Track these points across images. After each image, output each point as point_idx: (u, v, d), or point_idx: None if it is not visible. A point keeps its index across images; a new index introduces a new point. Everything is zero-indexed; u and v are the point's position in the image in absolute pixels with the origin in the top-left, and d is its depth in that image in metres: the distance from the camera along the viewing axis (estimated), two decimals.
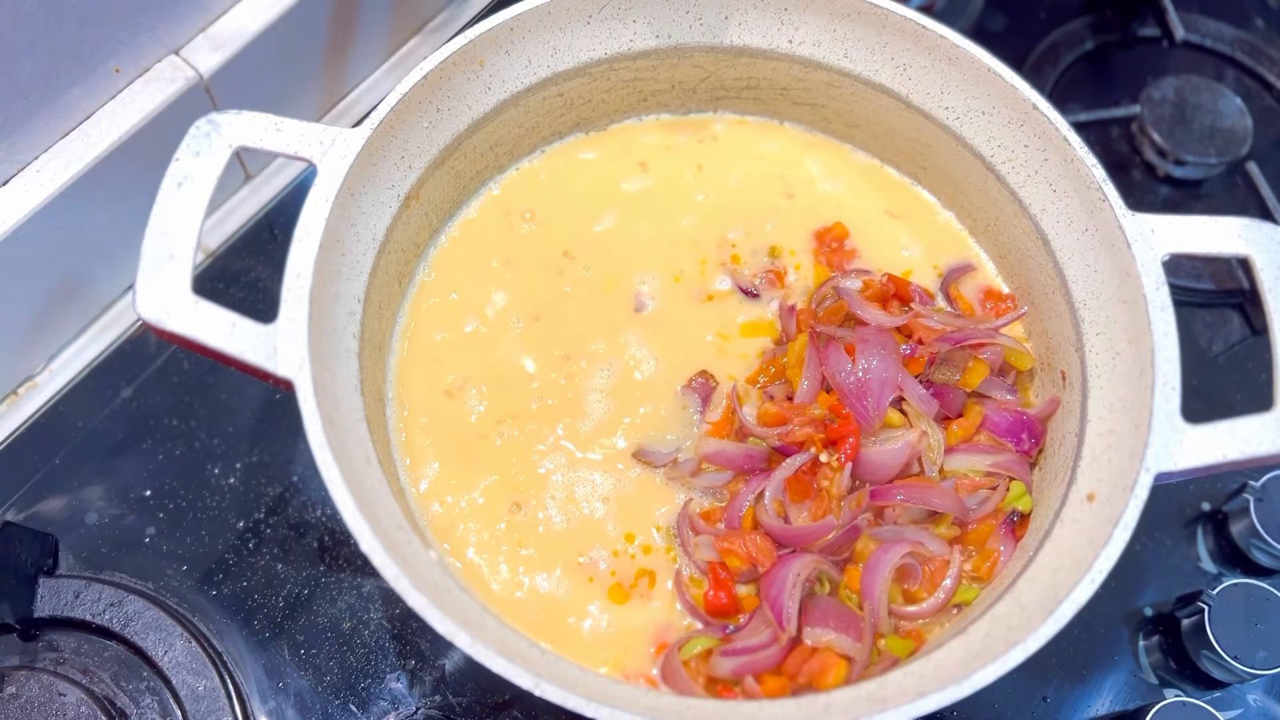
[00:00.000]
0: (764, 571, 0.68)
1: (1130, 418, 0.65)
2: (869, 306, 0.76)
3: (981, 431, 0.73)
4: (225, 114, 0.67)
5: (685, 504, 0.72)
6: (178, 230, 0.64)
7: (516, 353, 0.78)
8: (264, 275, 0.92)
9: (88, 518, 0.81)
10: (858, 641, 0.66)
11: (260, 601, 0.79)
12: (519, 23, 0.75)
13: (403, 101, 0.71)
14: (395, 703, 0.77)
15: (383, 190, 0.72)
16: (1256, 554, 0.83)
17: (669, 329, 0.79)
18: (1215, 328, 0.98)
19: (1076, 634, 0.58)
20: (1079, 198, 0.72)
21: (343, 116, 1.02)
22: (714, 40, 0.82)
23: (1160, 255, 0.67)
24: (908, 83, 0.79)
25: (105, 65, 0.81)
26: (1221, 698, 0.81)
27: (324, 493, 0.59)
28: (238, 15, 0.87)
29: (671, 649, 0.67)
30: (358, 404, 0.67)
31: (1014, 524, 0.71)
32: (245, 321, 0.63)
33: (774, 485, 0.70)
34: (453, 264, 0.81)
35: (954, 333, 0.73)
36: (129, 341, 0.89)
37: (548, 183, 0.85)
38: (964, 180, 0.81)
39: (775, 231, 0.83)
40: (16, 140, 0.78)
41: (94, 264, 0.87)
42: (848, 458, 0.70)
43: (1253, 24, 1.17)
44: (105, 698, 0.74)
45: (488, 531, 0.72)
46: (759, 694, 0.65)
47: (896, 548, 0.68)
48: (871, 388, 0.71)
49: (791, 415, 0.72)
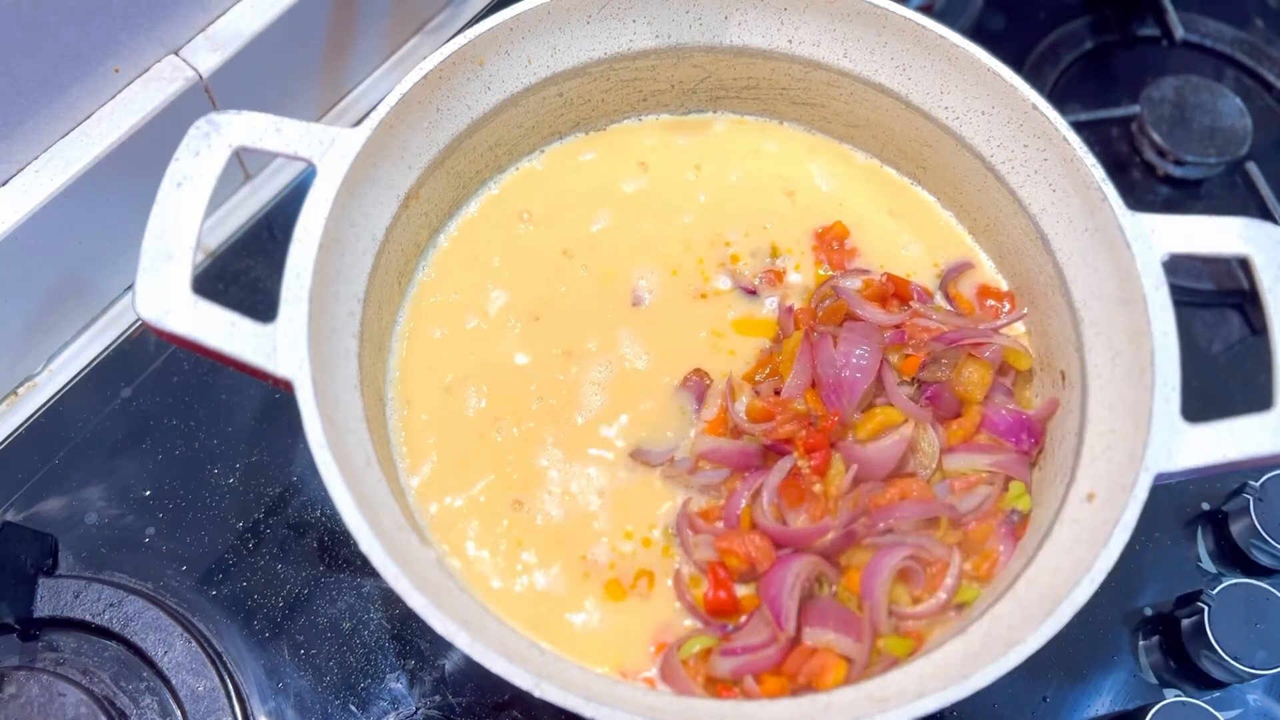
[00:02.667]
0: (763, 572, 0.68)
1: (1130, 418, 0.65)
2: (868, 305, 0.76)
3: (981, 431, 0.73)
4: (225, 114, 0.67)
5: (684, 503, 0.72)
6: (177, 230, 0.64)
7: (516, 352, 0.78)
8: (264, 275, 0.92)
9: (87, 518, 0.81)
10: (857, 642, 0.66)
11: (260, 601, 0.79)
12: (519, 23, 0.75)
13: (402, 101, 0.71)
14: (395, 703, 0.77)
15: (382, 190, 0.72)
16: (1256, 554, 0.83)
17: (668, 328, 0.79)
18: (1215, 328, 0.98)
19: (1076, 634, 0.58)
20: (1079, 197, 0.72)
21: (342, 116, 1.02)
22: (714, 40, 0.82)
23: (1160, 255, 0.67)
24: (907, 83, 0.79)
25: (105, 65, 0.81)
26: (1221, 698, 0.81)
27: (324, 493, 0.59)
28: (237, 15, 0.87)
29: (671, 648, 0.67)
30: (357, 404, 0.67)
31: (1014, 524, 0.71)
32: (245, 321, 0.62)
33: (769, 489, 0.70)
34: (452, 264, 0.81)
35: (952, 332, 0.73)
36: (129, 341, 0.89)
37: (547, 183, 0.85)
38: (963, 180, 0.81)
39: (775, 231, 0.83)
40: (16, 140, 0.78)
41: (94, 264, 0.87)
42: (816, 469, 0.70)
43: (1253, 24, 1.17)
44: (105, 698, 0.74)
45: (487, 530, 0.72)
46: (758, 694, 0.65)
47: (896, 551, 0.68)
48: (847, 379, 0.71)
49: (777, 410, 0.72)
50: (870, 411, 0.73)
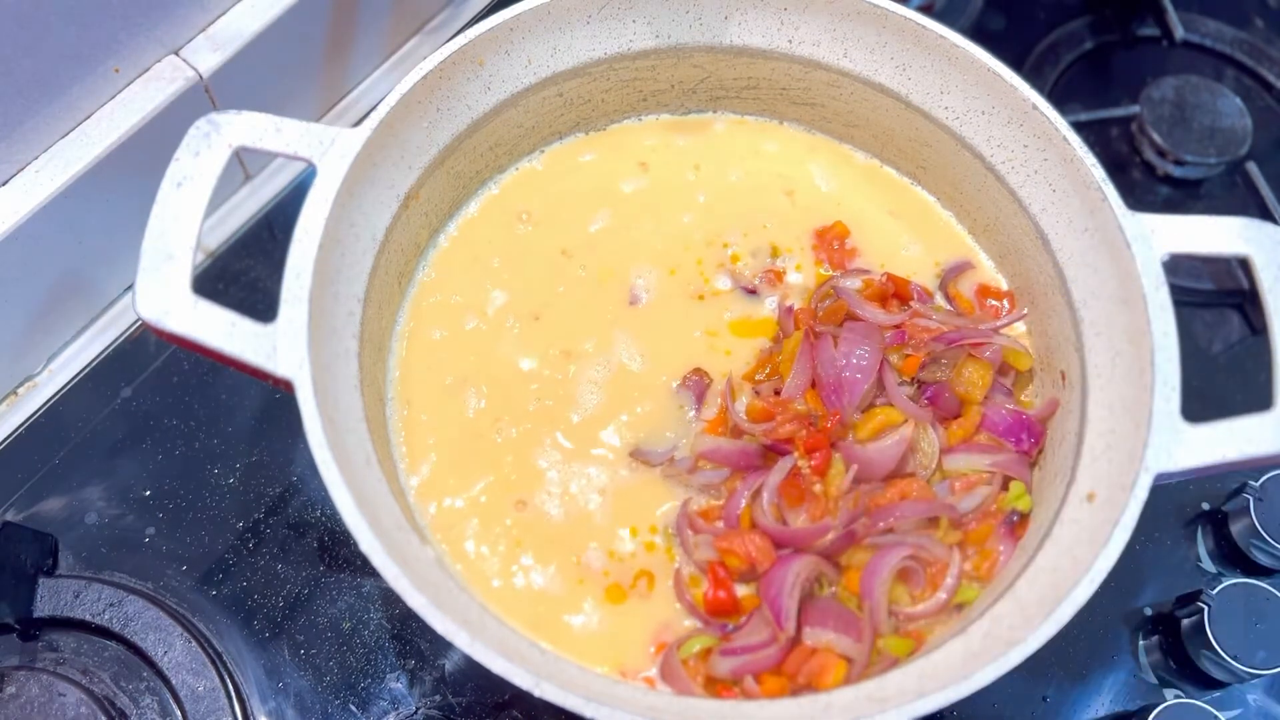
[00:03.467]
0: (763, 572, 0.68)
1: (1130, 418, 0.65)
2: (868, 305, 0.76)
3: (981, 431, 0.73)
4: (225, 114, 0.67)
5: (684, 503, 0.72)
6: (177, 230, 0.64)
7: (516, 352, 0.78)
8: (264, 275, 0.92)
9: (87, 518, 0.81)
10: (857, 642, 0.66)
11: (260, 601, 0.79)
12: (519, 23, 0.75)
13: (402, 101, 0.71)
14: (395, 703, 0.77)
15: (382, 190, 0.72)
16: (1256, 554, 0.83)
17: (667, 328, 0.79)
18: (1215, 328, 0.98)
19: (1076, 634, 0.58)
20: (1079, 197, 0.72)
21: (342, 116, 1.02)
22: (714, 40, 0.82)
23: (1160, 255, 0.67)
24: (907, 83, 0.79)
25: (105, 65, 0.81)
26: (1221, 698, 0.81)
27: (324, 493, 0.59)
28: (237, 15, 0.87)
29: (670, 648, 0.67)
30: (357, 404, 0.67)
31: (1014, 524, 0.71)
32: (245, 321, 0.62)
33: (770, 489, 0.70)
34: (452, 264, 0.81)
35: (952, 332, 0.73)
36: (129, 341, 0.89)
37: (547, 183, 0.85)
38: (963, 180, 0.81)
39: (775, 231, 0.83)
40: (16, 140, 0.78)
41: (94, 264, 0.87)
42: (816, 469, 0.70)
43: (1253, 24, 1.17)
44: (105, 698, 0.74)
45: (487, 530, 0.71)
46: (758, 694, 0.65)
47: (896, 550, 0.68)
48: (847, 379, 0.71)
49: (777, 410, 0.72)
50: (870, 412, 0.73)
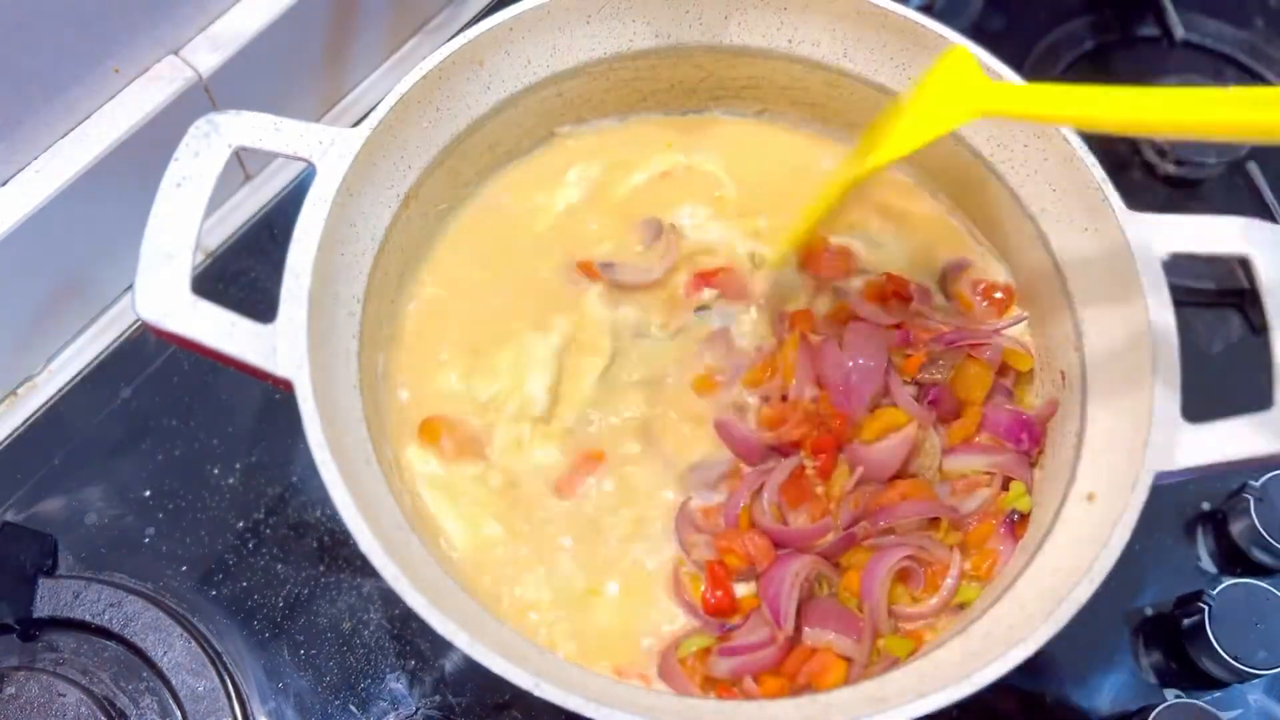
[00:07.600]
0: (762, 571, 0.68)
1: (1130, 418, 0.65)
2: (868, 305, 0.76)
3: (981, 432, 0.73)
4: (225, 114, 0.67)
5: (684, 502, 0.72)
6: (177, 230, 0.64)
7: (515, 352, 0.78)
8: (263, 275, 0.92)
9: (87, 518, 0.81)
10: (857, 642, 0.66)
11: (260, 601, 0.79)
12: (518, 23, 0.75)
13: (402, 101, 0.71)
14: (395, 703, 0.77)
15: (382, 190, 0.72)
16: (1256, 554, 0.83)
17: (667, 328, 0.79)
18: (1215, 328, 0.98)
19: (1076, 634, 0.58)
20: (1079, 197, 0.72)
21: (342, 116, 1.02)
22: (714, 40, 0.82)
23: (1160, 255, 0.67)
24: (907, 82, 0.79)
25: (105, 65, 0.81)
26: (1221, 698, 0.80)
27: (324, 493, 0.59)
28: (237, 15, 0.87)
29: (669, 648, 0.67)
30: (357, 404, 0.67)
31: (1014, 524, 0.71)
32: (245, 321, 0.63)
33: (771, 489, 0.70)
34: (452, 264, 0.81)
35: (952, 333, 0.73)
36: (129, 341, 0.89)
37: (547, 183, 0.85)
38: (964, 179, 0.81)
39: (774, 231, 0.83)
40: (16, 140, 0.78)
41: (94, 264, 0.87)
42: (821, 470, 0.70)
43: (1253, 24, 1.17)
44: (105, 698, 0.74)
45: (486, 528, 0.71)
46: (758, 694, 0.65)
47: (896, 551, 0.68)
48: (854, 380, 0.71)
49: (788, 414, 0.72)
50: (875, 413, 0.73)
